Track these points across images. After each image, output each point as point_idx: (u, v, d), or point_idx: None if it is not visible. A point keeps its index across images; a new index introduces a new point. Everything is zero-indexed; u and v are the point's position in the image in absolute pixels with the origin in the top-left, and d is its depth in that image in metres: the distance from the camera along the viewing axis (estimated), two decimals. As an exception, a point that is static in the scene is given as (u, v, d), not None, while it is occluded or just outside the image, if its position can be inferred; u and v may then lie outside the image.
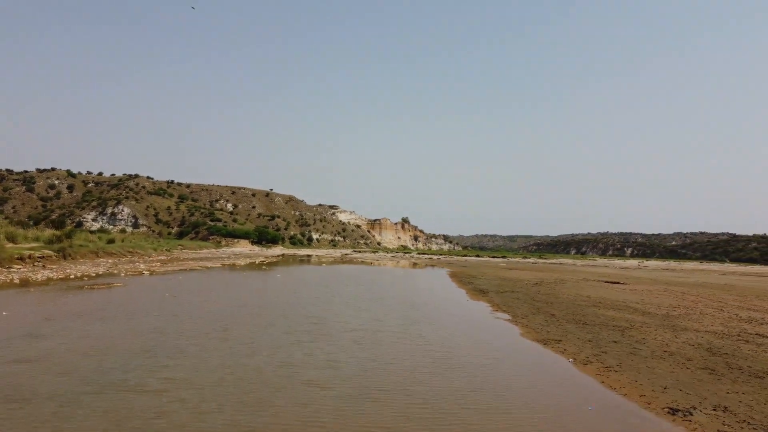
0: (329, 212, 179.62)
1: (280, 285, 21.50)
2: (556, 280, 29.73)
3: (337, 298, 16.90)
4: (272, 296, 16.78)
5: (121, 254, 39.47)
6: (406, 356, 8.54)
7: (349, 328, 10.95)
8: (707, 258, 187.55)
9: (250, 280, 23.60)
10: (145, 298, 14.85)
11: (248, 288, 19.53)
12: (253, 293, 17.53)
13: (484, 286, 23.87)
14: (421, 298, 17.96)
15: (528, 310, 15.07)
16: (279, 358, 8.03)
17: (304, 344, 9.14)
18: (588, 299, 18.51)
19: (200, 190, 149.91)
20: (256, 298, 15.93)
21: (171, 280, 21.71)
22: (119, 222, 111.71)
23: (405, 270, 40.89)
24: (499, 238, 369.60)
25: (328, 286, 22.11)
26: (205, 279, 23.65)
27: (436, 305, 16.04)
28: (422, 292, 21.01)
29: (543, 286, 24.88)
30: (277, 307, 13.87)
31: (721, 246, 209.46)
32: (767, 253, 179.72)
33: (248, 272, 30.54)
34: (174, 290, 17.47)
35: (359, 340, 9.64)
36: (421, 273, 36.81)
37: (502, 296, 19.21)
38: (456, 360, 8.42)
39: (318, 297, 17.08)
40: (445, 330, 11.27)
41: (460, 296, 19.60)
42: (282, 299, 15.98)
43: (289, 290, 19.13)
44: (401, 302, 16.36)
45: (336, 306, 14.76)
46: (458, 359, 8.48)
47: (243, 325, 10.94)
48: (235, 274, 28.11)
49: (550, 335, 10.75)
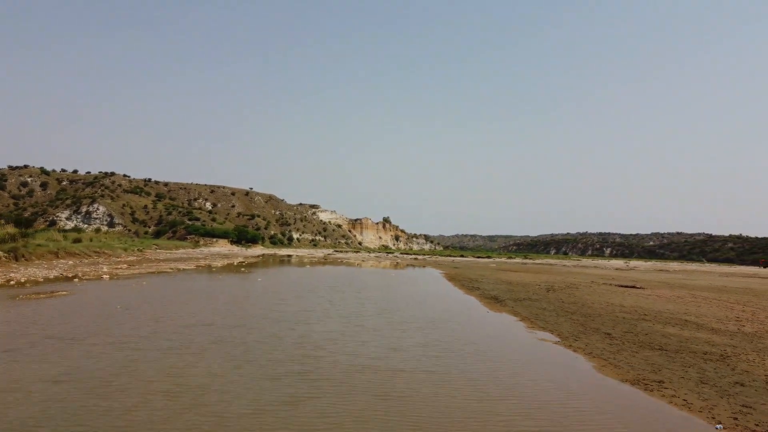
0: (310, 212, 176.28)
1: (260, 292, 18.16)
2: (567, 284, 27.03)
3: (332, 311, 13.68)
4: (249, 308, 13.47)
5: (85, 255, 35.66)
6: (465, 418, 5.44)
7: (360, 365, 7.75)
8: (685, 258, 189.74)
9: (226, 286, 20.18)
10: (86, 313, 11.41)
11: (222, 296, 16.16)
12: (226, 304, 14.19)
13: (495, 292, 20.95)
14: (433, 311, 14.87)
15: (570, 326, 12.13)
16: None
17: (299, 404, 5.90)
18: (626, 309, 15.71)
19: (178, 189, 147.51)
20: (228, 312, 12.60)
21: (132, 286, 18.23)
22: (94, 221, 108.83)
23: (396, 272, 37.78)
24: (479, 238, 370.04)
25: (316, 292, 18.86)
26: (173, 284, 20.16)
27: (455, 321, 12.96)
28: (429, 301, 17.94)
29: (558, 291, 22.09)
30: (254, 328, 10.59)
31: (698, 246, 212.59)
32: (743, 253, 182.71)
33: (224, 275, 27.05)
34: (129, 301, 14.02)
35: (380, 390, 6.48)
36: (415, 275, 33.76)
37: (525, 306, 16.27)
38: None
39: (307, 309, 13.83)
40: (491, 362, 8.20)
41: (475, 306, 16.58)
42: (262, 313, 12.68)
43: (271, 299, 15.82)
44: (413, 317, 13.23)
45: (333, 323, 11.55)
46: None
47: (202, 361, 7.66)
48: (209, 278, 24.61)
49: (638, 371, 7.77)
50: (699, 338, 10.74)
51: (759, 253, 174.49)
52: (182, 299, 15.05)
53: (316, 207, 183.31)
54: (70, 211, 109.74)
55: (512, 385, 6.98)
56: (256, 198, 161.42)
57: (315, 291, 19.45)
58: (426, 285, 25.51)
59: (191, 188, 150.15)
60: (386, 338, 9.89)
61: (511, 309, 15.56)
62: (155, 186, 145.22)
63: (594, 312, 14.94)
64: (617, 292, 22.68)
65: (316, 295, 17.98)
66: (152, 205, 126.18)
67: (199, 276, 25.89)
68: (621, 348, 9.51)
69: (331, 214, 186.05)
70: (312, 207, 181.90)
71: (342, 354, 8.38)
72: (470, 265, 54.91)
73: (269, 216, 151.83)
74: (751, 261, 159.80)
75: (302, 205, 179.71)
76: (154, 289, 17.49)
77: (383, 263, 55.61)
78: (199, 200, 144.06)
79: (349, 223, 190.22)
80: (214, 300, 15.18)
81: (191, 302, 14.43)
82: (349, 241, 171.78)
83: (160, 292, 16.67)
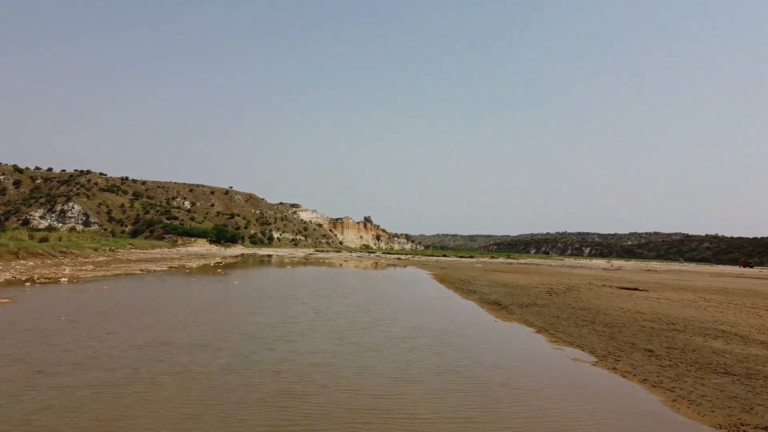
0: (290, 211, 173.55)
1: (235, 297, 15.97)
2: (565, 286, 25.47)
3: (319, 322, 11.63)
4: (220, 319, 11.33)
5: (50, 255, 32.90)
6: None
7: (364, 407, 5.75)
8: (662, 257, 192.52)
9: (197, 289, 17.91)
10: (18, 328, 9.15)
11: (190, 302, 13.94)
12: (193, 313, 12.01)
13: (495, 296, 19.17)
14: (435, 320, 12.93)
15: (599, 340, 10.34)
16: None
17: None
18: (647, 317, 14.04)
19: (156, 188, 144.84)
20: (194, 325, 10.45)
21: (90, 291, 15.93)
22: (69, 220, 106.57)
23: (382, 273, 35.80)
24: (459, 238, 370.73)
25: (299, 297, 16.78)
26: (139, 288, 17.83)
27: (464, 333, 11.04)
28: (426, 306, 16.01)
29: (561, 295, 20.45)
30: (223, 348, 8.49)
31: (675, 246, 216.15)
32: (719, 253, 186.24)
33: (198, 277, 24.72)
34: (79, 310, 11.76)
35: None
36: (403, 277, 31.82)
37: (534, 313, 14.47)
38: None
39: (290, 320, 11.75)
40: (533, 400, 6.29)
41: (478, 314, 14.71)
42: (234, 326, 10.56)
43: (247, 306, 13.68)
44: (415, 330, 11.26)
45: (321, 340, 9.51)
46: None
47: (141, 408, 5.56)
48: (181, 281, 22.27)
49: (723, 409, 5.94)
50: (758, 356, 9.06)
51: (734, 252, 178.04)
52: (142, 308, 12.80)
53: (297, 206, 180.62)
54: (44, 210, 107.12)
55: None
56: (236, 197, 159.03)
57: (297, 296, 17.36)
58: (417, 288, 23.63)
59: (169, 187, 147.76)
60: (391, 362, 7.90)
61: (520, 317, 13.75)
62: (133, 184, 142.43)
63: (614, 321, 13.22)
64: (622, 295, 21.15)
65: (299, 301, 15.89)
66: (129, 204, 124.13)
67: (170, 278, 23.54)
68: (678, 372, 7.72)
69: (311, 213, 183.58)
70: (293, 206, 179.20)
71: (337, 389, 6.35)
72: (456, 266, 53.32)
73: (249, 215, 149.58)
74: (727, 260, 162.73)
75: (283, 204, 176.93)
76: (115, 295, 15.17)
77: (366, 263, 53.63)
78: (177, 199, 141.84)
79: (330, 222, 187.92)
80: (179, 308, 12.97)
81: (152, 311, 12.20)
82: (330, 241, 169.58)
83: (120, 299, 14.36)
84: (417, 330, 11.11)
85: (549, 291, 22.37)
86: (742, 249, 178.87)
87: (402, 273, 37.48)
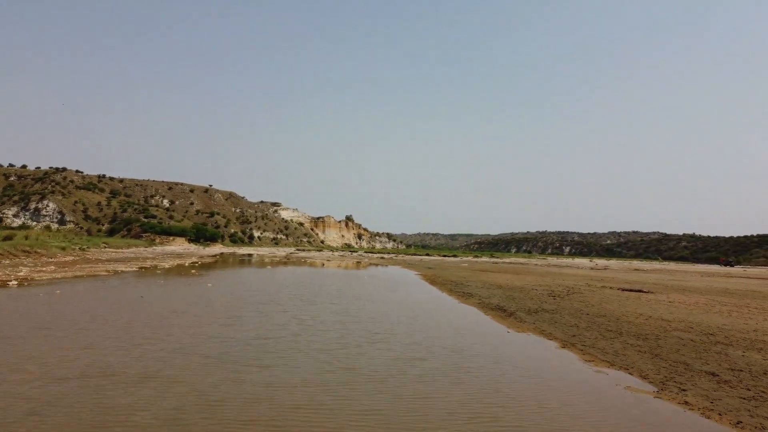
0: (271, 209, 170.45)
1: (206, 304, 13.82)
2: (565, 288, 23.91)
3: (303, 338, 9.61)
4: (183, 335, 9.23)
5: (10, 255, 30.16)
6: None
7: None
8: (641, 256, 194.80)
9: (164, 294, 15.69)
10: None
11: (152, 311, 11.77)
12: (152, 326, 9.89)
13: (495, 300, 17.41)
14: (440, 333, 11.03)
15: (640, 358, 8.60)
16: None
17: None
18: (676, 326, 12.41)
19: (134, 186, 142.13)
20: (144, 344, 8.34)
21: (38, 297, 13.72)
22: (44, 218, 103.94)
23: (368, 274, 33.81)
24: (441, 237, 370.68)
25: (280, 303, 14.74)
26: (96, 293, 15.54)
27: (479, 351, 9.17)
28: (424, 314, 14.12)
29: (566, 298, 18.82)
30: (175, 381, 6.41)
31: (653, 245, 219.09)
32: (696, 252, 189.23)
33: (169, 279, 22.44)
34: (9, 323, 9.54)
35: None
36: (391, 278, 29.91)
37: (547, 321, 12.71)
38: None
39: (268, 334, 9.71)
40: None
41: (485, 323, 12.88)
42: (199, 345, 8.49)
43: (219, 316, 11.59)
44: (420, 346, 9.34)
45: (307, 366, 7.51)
46: None
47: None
48: (148, 283, 19.99)
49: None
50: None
51: (711, 251, 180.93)
52: (91, 318, 10.60)
53: (278, 205, 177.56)
54: (18, 208, 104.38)
55: None
56: (216, 195, 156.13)
57: (278, 301, 15.32)
58: (409, 291, 21.75)
59: (148, 185, 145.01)
60: (400, 401, 5.95)
61: (534, 326, 11.98)
62: (110, 182, 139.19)
63: (642, 331, 11.54)
64: (630, 298, 19.64)
65: (280, 308, 13.84)
66: (106, 202, 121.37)
67: (137, 280, 21.25)
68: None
69: (293, 212, 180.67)
70: (273, 205, 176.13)
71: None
72: (443, 265, 51.64)
73: (229, 214, 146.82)
74: (704, 259, 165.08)
75: (263, 203, 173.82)
76: (64, 302, 12.90)
77: (349, 263, 51.65)
78: (156, 197, 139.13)
79: (311, 221, 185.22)
80: (136, 318, 10.81)
81: (101, 323, 10.02)
82: (312, 240, 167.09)
83: (68, 307, 12.09)
84: (422, 347, 9.20)
85: (550, 293, 20.76)
86: (719, 248, 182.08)
87: (389, 273, 35.61)
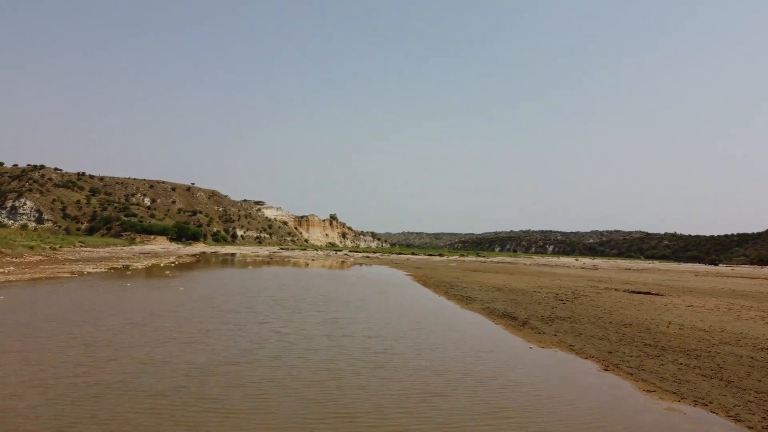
0: (255, 208, 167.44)
1: (169, 315, 11.68)
2: (569, 290, 22.29)
3: (284, 363, 7.58)
4: (132, 357, 7.14)
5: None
6: None
7: None
8: (624, 255, 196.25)
9: (124, 301, 13.50)
10: None
11: (104, 322, 9.61)
12: (88, 347, 7.77)
13: (499, 305, 15.61)
14: (451, 350, 9.11)
15: (710, 386, 6.84)
16: None
17: None
18: (719, 337, 10.74)
19: (115, 184, 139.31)
20: (80, 373, 6.27)
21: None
22: (21, 217, 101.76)
23: (356, 275, 31.75)
24: (425, 236, 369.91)
25: (258, 311, 12.70)
26: (46, 299, 13.25)
27: (512, 380, 7.30)
28: (426, 324, 12.23)
29: (575, 302, 17.14)
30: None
31: (635, 244, 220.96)
32: (678, 251, 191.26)
33: (137, 281, 20.19)
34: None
35: None
36: (380, 279, 27.93)
37: (567, 331, 10.92)
38: None
39: (239, 358, 7.69)
40: None
41: (495, 333, 11.02)
42: (147, 374, 6.43)
43: (184, 328, 9.50)
44: (432, 372, 7.43)
45: (288, 413, 5.52)
46: None
47: None
48: (113, 286, 17.70)
49: None
50: None
51: (693, 250, 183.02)
52: (14, 335, 8.43)
53: (262, 203, 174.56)
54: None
55: None
56: (198, 194, 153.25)
57: (256, 308, 13.27)
58: (402, 294, 19.84)
59: (129, 183, 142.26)
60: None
61: (556, 339, 10.19)
62: (90, 180, 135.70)
63: (685, 344, 9.82)
64: (644, 302, 18.07)
65: (258, 318, 11.80)
66: (86, 200, 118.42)
67: (101, 283, 19.00)
68: None
69: (276, 210, 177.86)
70: (257, 203, 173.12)
71: None
72: (431, 265, 49.86)
73: (212, 212, 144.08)
74: (686, 258, 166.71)
75: (247, 202, 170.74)
76: (2, 312, 10.66)
77: (334, 262, 49.61)
78: (137, 195, 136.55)
79: (295, 220, 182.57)
80: (73, 334, 8.65)
81: (22, 346, 7.86)
82: (296, 239, 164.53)
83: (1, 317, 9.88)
84: (436, 374, 7.28)
85: (555, 296, 19.10)
86: (700, 247, 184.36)
87: (377, 274, 33.67)
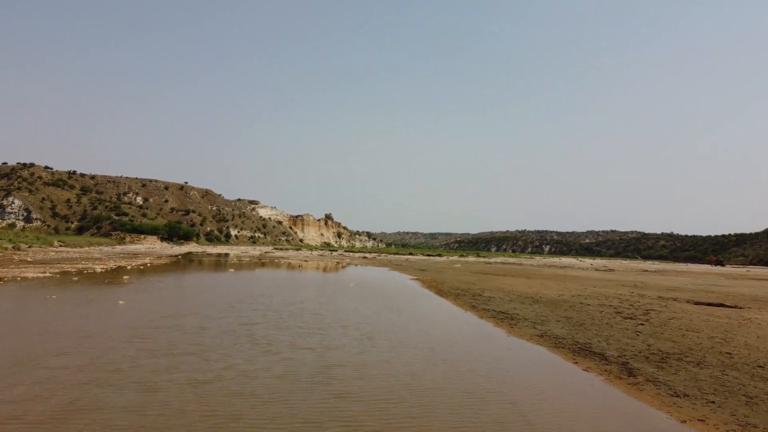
0: (249, 207, 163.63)
1: (78, 350, 7.33)
2: (628, 303, 18.19)
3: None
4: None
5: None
6: None
7: None
8: (621, 255, 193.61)
9: (32, 322, 9.16)
10: None
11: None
12: None
13: (562, 330, 11.47)
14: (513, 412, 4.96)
15: None
16: None
17: None
18: None
19: (106, 182, 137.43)
20: None
21: None
22: (9, 216, 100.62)
23: (353, 278, 27.30)
24: (420, 236, 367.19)
25: (207, 356, 8.26)
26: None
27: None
28: (472, 371, 8.05)
29: (658, 325, 13.03)
30: None
31: (632, 244, 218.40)
32: (675, 251, 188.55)
33: (75, 291, 15.89)
34: None
35: None
36: (385, 285, 23.56)
37: (708, 387, 6.81)
38: None
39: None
40: None
41: (596, 392, 6.88)
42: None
43: (69, 395, 5.22)
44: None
45: None
46: None
47: None
48: (36, 298, 13.29)
49: None
50: None
51: (690, 250, 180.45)
52: None
53: (256, 203, 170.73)
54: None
55: None
56: (192, 193, 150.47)
57: (205, 343, 8.99)
58: (418, 310, 15.54)
59: (121, 182, 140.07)
60: None
61: (708, 410, 6.05)
62: (81, 179, 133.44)
63: None
64: (738, 319, 14.00)
65: (205, 366, 7.48)
66: (76, 199, 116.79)
67: (21, 293, 14.88)
68: None
69: (271, 210, 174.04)
70: (251, 203, 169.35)
71: None
72: (436, 267, 45.52)
73: (205, 212, 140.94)
74: (683, 258, 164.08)
75: (241, 201, 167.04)
76: None
77: (330, 264, 45.39)
78: (129, 194, 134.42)
79: (290, 219, 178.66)
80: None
81: None
82: (290, 238, 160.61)
83: None
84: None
85: (616, 311, 15.02)
86: (698, 247, 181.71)
87: (378, 277, 29.43)
